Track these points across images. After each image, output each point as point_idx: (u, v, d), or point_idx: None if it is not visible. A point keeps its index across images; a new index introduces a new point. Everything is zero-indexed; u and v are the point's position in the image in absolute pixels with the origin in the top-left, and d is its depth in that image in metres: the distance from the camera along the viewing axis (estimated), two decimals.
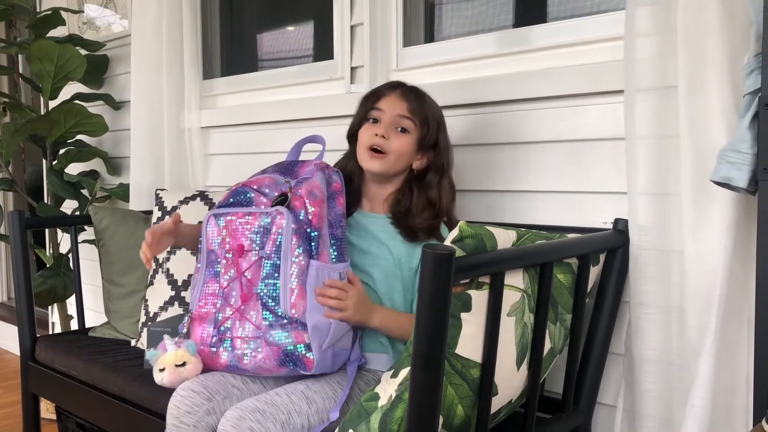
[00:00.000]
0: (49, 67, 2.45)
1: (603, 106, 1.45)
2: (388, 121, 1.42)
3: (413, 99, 1.43)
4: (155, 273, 1.94)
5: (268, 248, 1.30)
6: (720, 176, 1.08)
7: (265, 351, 1.29)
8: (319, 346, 1.28)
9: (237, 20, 2.58)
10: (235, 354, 1.32)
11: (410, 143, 1.42)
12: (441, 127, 1.47)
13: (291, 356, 1.29)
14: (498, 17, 1.78)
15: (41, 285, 2.50)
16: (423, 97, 1.46)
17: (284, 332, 1.28)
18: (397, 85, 1.47)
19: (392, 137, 1.41)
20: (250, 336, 1.31)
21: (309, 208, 1.30)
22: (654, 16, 1.25)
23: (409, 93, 1.45)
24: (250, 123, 2.23)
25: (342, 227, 1.37)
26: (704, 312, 1.20)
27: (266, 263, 1.30)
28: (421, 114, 1.42)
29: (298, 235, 1.29)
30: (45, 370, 1.89)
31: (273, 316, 1.29)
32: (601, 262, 1.34)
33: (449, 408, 1.07)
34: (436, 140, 1.44)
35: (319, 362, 1.29)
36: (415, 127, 1.42)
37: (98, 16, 2.86)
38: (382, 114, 1.43)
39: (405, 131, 1.42)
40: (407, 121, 1.42)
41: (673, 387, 1.28)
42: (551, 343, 1.23)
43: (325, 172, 1.40)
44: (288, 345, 1.28)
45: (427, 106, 1.45)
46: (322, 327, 1.29)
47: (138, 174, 2.46)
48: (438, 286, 0.91)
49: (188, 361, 1.32)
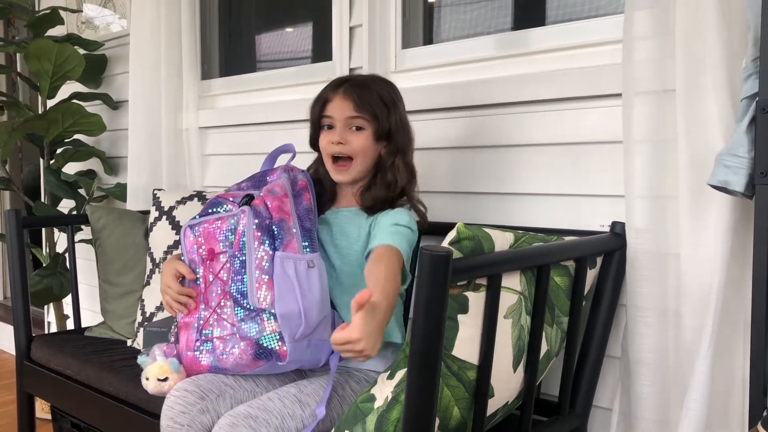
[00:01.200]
0: (48, 66, 2.44)
1: (601, 109, 1.45)
2: (341, 125, 1.41)
3: (356, 95, 1.40)
4: (152, 273, 1.94)
5: (235, 247, 1.34)
6: (717, 180, 1.09)
7: (240, 347, 1.31)
8: (292, 336, 1.29)
9: (235, 21, 2.58)
10: (215, 355, 1.34)
11: (369, 137, 1.41)
12: (391, 108, 1.42)
13: (264, 348, 1.30)
14: (497, 20, 1.78)
15: (37, 284, 2.49)
16: (367, 86, 1.43)
17: (254, 324, 1.30)
18: (339, 85, 1.44)
19: (350, 138, 1.40)
20: (227, 334, 1.34)
21: (268, 203, 1.35)
22: (652, 19, 1.25)
23: (351, 90, 1.41)
24: (248, 124, 2.23)
25: (310, 220, 1.39)
26: (700, 315, 1.20)
27: (235, 261, 1.33)
28: (368, 107, 1.40)
29: (260, 229, 1.32)
30: (40, 370, 1.88)
31: (243, 311, 1.32)
32: (598, 264, 1.35)
33: (445, 410, 1.07)
34: (390, 127, 1.42)
35: (292, 352, 1.29)
36: (368, 122, 1.40)
37: (97, 16, 2.86)
38: (333, 120, 1.42)
39: (360, 128, 1.41)
40: (358, 119, 1.40)
41: (669, 390, 1.28)
42: (548, 346, 1.23)
43: (290, 174, 1.43)
44: (259, 336, 1.29)
45: (372, 94, 1.41)
46: (292, 315, 1.29)
47: (135, 174, 2.45)
48: (435, 287, 0.92)
49: (170, 377, 1.37)
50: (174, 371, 1.37)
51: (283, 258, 1.31)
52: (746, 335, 1.22)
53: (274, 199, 1.35)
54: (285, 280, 1.30)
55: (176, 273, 1.39)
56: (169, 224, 1.93)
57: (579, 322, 1.30)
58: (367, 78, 1.47)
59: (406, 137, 1.45)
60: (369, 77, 1.48)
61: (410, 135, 1.47)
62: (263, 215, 1.33)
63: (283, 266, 1.31)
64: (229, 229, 1.35)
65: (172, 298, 1.39)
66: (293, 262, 1.32)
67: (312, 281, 1.33)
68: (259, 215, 1.33)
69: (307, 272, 1.33)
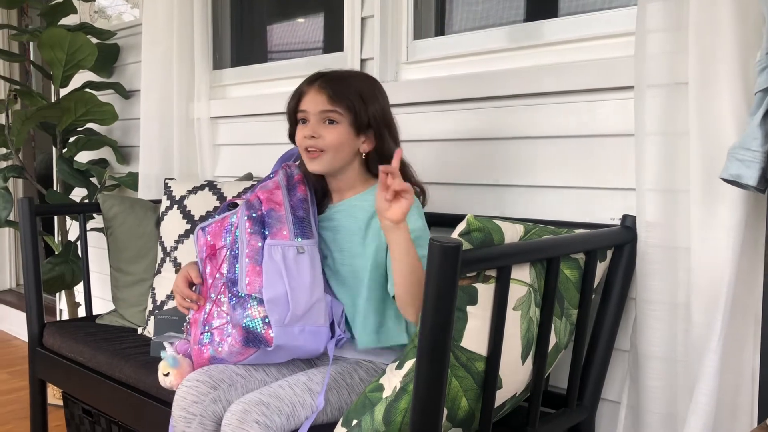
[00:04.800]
0: (60, 55, 2.45)
1: (613, 101, 1.44)
2: (314, 120, 1.39)
3: (331, 88, 1.38)
4: (163, 262, 1.95)
5: (230, 240, 1.39)
6: (729, 174, 1.08)
7: (232, 334, 1.34)
8: (280, 320, 1.31)
9: (247, 11, 2.58)
10: (213, 345, 1.37)
11: (344, 131, 1.38)
12: (370, 102, 1.39)
13: (252, 333, 1.31)
14: (509, 11, 1.78)
15: (50, 272, 2.52)
16: (343, 79, 1.41)
17: (243, 310, 1.33)
18: (315, 79, 1.42)
19: (323, 133, 1.38)
20: (223, 323, 1.37)
21: (260, 197, 1.40)
22: (665, 11, 1.24)
23: (326, 84, 1.40)
24: (260, 114, 2.24)
25: (304, 209, 1.42)
26: (710, 309, 1.20)
27: (232, 254, 1.38)
28: (343, 99, 1.37)
29: (251, 220, 1.37)
30: (52, 357, 1.90)
31: (235, 298, 1.35)
32: (608, 258, 1.34)
33: (453, 400, 1.07)
34: (369, 119, 1.39)
35: (280, 336, 1.30)
36: (342, 116, 1.38)
37: (109, 5, 2.86)
38: (307, 114, 1.40)
39: (334, 122, 1.39)
40: (332, 113, 1.38)
41: (678, 384, 1.28)
42: (556, 338, 1.23)
43: (287, 170, 1.48)
44: (246, 321, 1.31)
45: (348, 87, 1.39)
46: (279, 299, 1.32)
47: (147, 163, 2.47)
48: (444, 278, 0.92)
49: (170, 372, 1.41)
50: (170, 366, 1.40)
51: (271, 245, 1.35)
52: (756, 329, 1.21)
53: (265, 192, 1.41)
54: (272, 266, 1.33)
55: (187, 276, 1.46)
56: (181, 213, 1.94)
57: (588, 315, 1.30)
58: (347, 73, 1.45)
59: (391, 132, 1.42)
60: (349, 72, 1.46)
61: (394, 130, 1.43)
62: (255, 207, 1.39)
63: (270, 253, 1.34)
64: (229, 225, 1.41)
65: (178, 300, 1.46)
66: (281, 248, 1.35)
67: (301, 266, 1.35)
68: (251, 207, 1.39)
69: (295, 257, 1.35)
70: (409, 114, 1.79)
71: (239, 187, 1.93)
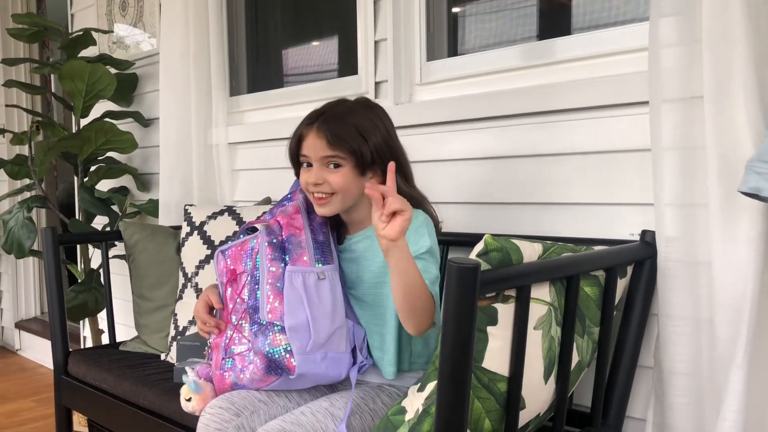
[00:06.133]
0: (81, 86, 2.50)
1: (628, 117, 1.44)
2: (317, 165, 1.36)
3: (329, 130, 1.34)
4: (184, 287, 1.97)
5: (251, 265, 1.39)
6: (748, 187, 1.07)
7: (254, 362, 1.34)
8: (302, 348, 1.30)
9: (263, 37, 2.62)
10: (235, 372, 1.37)
11: (349, 174, 1.35)
12: (370, 136, 1.34)
13: (274, 362, 1.31)
14: (522, 29, 1.78)
15: (73, 300, 2.54)
16: (340, 117, 1.35)
17: (264, 338, 1.32)
18: (313, 120, 1.37)
19: (328, 177, 1.35)
20: (245, 351, 1.37)
21: (280, 221, 1.40)
22: (678, 26, 1.24)
23: (323, 127, 1.34)
24: (277, 138, 2.26)
25: (324, 233, 1.42)
26: (734, 324, 1.18)
27: (252, 280, 1.38)
28: (343, 144, 1.33)
29: (271, 246, 1.37)
30: (77, 384, 1.92)
31: (257, 325, 1.35)
32: (629, 274, 1.33)
33: (476, 422, 1.06)
34: (372, 155, 1.35)
35: (302, 364, 1.30)
36: (344, 159, 1.34)
37: (127, 35, 2.92)
38: (309, 158, 1.38)
39: (338, 165, 1.35)
40: (334, 158, 1.35)
41: (704, 400, 1.26)
42: (579, 357, 1.22)
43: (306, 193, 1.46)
44: (268, 349, 1.31)
45: (346, 126, 1.34)
46: (301, 326, 1.31)
47: (167, 190, 2.49)
48: (463, 299, 0.92)
49: (192, 398, 1.42)
50: (192, 391, 1.41)
51: (291, 272, 1.34)
52: None
53: (285, 216, 1.41)
54: (293, 293, 1.33)
55: (208, 301, 1.46)
56: (201, 239, 1.96)
57: (610, 332, 1.29)
58: (345, 107, 1.39)
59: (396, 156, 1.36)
60: (347, 105, 1.39)
61: (399, 153, 1.39)
62: (276, 233, 1.38)
63: (291, 279, 1.34)
64: (249, 250, 1.41)
65: (199, 326, 1.46)
66: (302, 275, 1.34)
67: (322, 292, 1.34)
68: (272, 233, 1.38)
69: (316, 284, 1.34)
70: (424, 135, 1.80)
71: (258, 212, 1.94)
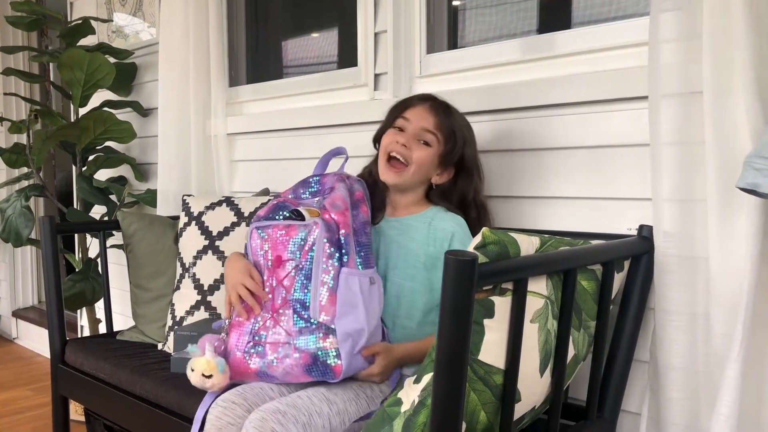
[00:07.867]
0: (79, 75, 2.50)
1: (627, 112, 1.44)
2: (412, 132, 1.42)
3: (441, 114, 1.43)
4: (181, 278, 1.97)
5: (303, 258, 1.33)
6: (746, 183, 1.07)
7: (293, 357, 1.31)
8: (350, 352, 1.30)
9: (262, 28, 2.61)
10: (265, 360, 1.34)
11: (431, 156, 1.42)
12: (468, 144, 1.46)
13: (318, 363, 1.30)
14: (522, 23, 1.78)
15: (71, 289, 2.54)
16: (452, 113, 1.46)
17: (312, 336, 1.30)
18: (428, 98, 1.47)
19: (414, 148, 1.41)
20: (281, 341, 1.33)
21: (335, 218, 1.34)
22: (678, 21, 1.24)
23: (438, 108, 1.45)
24: (275, 130, 2.26)
25: (366, 234, 1.39)
26: (730, 319, 1.19)
27: (301, 272, 1.33)
28: (447, 129, 1.42)
29: (329, 243, 1.32)
30: (74, 373, 1.92)
31: (303, 322, 1.32)
32: (626, 268, 1.34)
33: (472, 414, 1.07)
34: (461, 157, 1.44)
35: (347, 369, 1.30)
36: (437, 142, 1.42)
37: (127, 25, 2.91)
38: (408, 123, 1.43)
39: (427, 144, 1.42)
40: (431, 135, 1.42)
41: (699, 395, 1.27)
42: (575, 350, 1.23)
43: (347, 183, 1.42)
44: (317, 350, 1.30)
45: (456, 122, 1.45)
46: (355, 332, 1.30)
47: (165, 180, 2.49)
48: (461, 292, 0.92)
49: (215, 375, 1.34)
50: (219, 371, 1.35)
51: (348, 274, 1.31)
52: None
53: (338, 213, 1.35)
54: (350, 297, 1.30)
55: (250, 271, 1.38)
56: (199, 229, 1.96)
57: (606, 326, 1.29)
58: (453, 108, 1.49)
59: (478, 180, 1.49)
60: (455, 109, 1.50)
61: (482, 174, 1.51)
62: (334, 230, 1.34)
63: (347, 282, 1.31)
64: (299, 239, 1.35)
65: (247, 294, 1.36)
66: (357, 278, 1.32)
67: (373, 297, 1.34)
68: (330, 230, 1.33)
69: (369, 289, 1.33)
70: None
71: (256, 203, 1.94)
